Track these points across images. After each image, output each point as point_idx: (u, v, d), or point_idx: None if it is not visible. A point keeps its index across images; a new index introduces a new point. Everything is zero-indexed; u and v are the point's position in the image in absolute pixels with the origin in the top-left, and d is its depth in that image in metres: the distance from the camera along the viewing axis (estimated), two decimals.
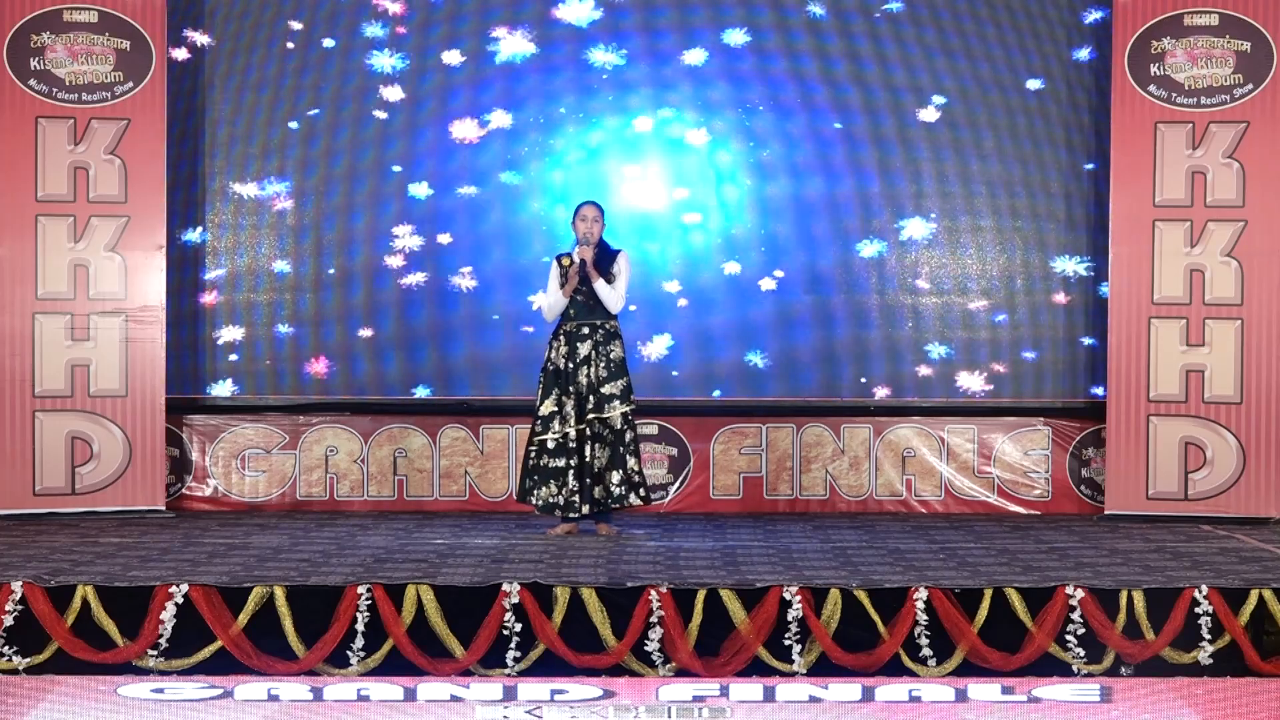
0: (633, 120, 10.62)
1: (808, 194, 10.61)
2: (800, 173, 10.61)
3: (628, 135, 10.63)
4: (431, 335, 10.60)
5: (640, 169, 10.63)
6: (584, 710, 7.17)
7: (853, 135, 10.60)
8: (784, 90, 10.60)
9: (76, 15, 10.02)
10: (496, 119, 10.58)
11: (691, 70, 10.61)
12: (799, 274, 10.60)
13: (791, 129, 10.60)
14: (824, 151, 10.60)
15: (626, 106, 10.62)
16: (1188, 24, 10.03)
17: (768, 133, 10.60)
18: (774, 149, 10.60)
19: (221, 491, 10.52)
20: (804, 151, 10.60)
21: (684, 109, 10.62)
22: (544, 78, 10.62)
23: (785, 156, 10.61)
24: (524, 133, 10.60)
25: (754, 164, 10.60)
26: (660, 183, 10.64)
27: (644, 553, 8.58)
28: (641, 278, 10.37)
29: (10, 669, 7.10)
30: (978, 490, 10.58)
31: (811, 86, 10.61)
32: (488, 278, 10.59)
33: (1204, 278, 9.98)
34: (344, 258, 10.60)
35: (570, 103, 10.62)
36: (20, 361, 9.94)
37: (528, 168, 10.61)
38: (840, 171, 10.60)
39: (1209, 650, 7.15)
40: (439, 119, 10.61)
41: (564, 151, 10.62)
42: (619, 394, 9.10)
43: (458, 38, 10.62)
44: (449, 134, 10.60)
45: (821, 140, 10.60)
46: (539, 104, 10.61)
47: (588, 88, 10.62)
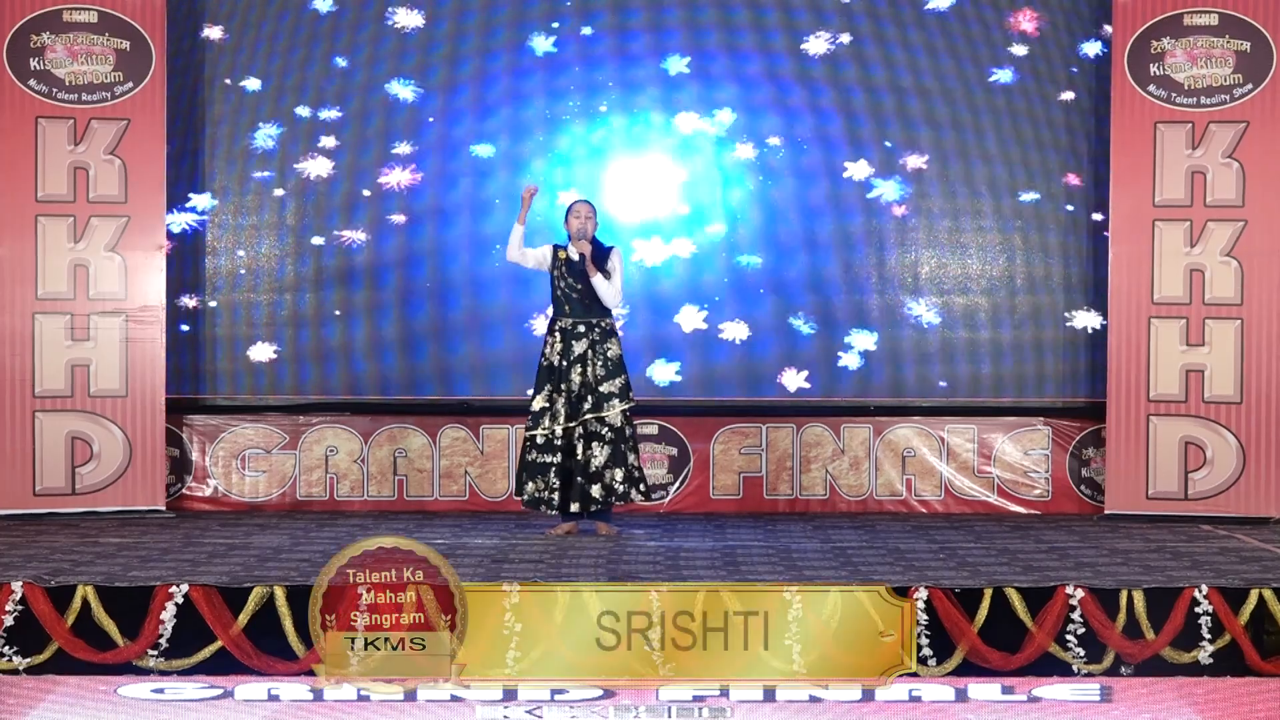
0: (632, 121, 10.62)
1: (807, 194, 10.60)
2: (800, 172, 10.61)
3: (633, 133, 10.63)
4: (431, 335, 10.59)
5: (648, 167, 10.62)
6: (584, 710, 7.17)
7: (854, 135, 10.60)
8: (790, 93, 10.61)
9: (76, 15, 10.01)
10: (500, 121, 10.63)
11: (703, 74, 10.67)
12: (799, 274, 10.60)
13: (790, 130, 10.60)
14: (826, 149, 10.60)
15: (632, 106, 10.64)
16: (1187, 24, 10.02)
17: (770, 131, 10.60)
18: (778, 148, 10.63)
19: (221, 491, 10.51)
20: (805, 151, 10.61)
21: (690, 108, 10.63)
22: (550, 76, 10.64)
23: (788, 156, 10.61)
24: (528, 133, 10.62)
25: (760, 165, 10.60)
26: (665, 183, 10.63)
27: (644, 553, 8.58)
28: (644, 279, 10.39)
29: (10, 669, 7.10)
30: (978, 490, 10.57)
31: (816, 88, 10.64)
32: (488, 277, 10.58)
33: (1204, 278, 9.98)
34: (344, 258, 10.59)
35: (575, 105, 10.66)
36: (20, 361, 9.93)
37: (528, 167, 10.62)
38: (840, 171, 10.59)
39: (1209, 650, 7.16)
40: (444, 117, 10.62)
41: (566, 151, 10.62)
42: (618, 392, 9.09)
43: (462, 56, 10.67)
44: (449, 134, 10.63)
45: (826, 140, 10.63)
46: (546, 102, 10.63)
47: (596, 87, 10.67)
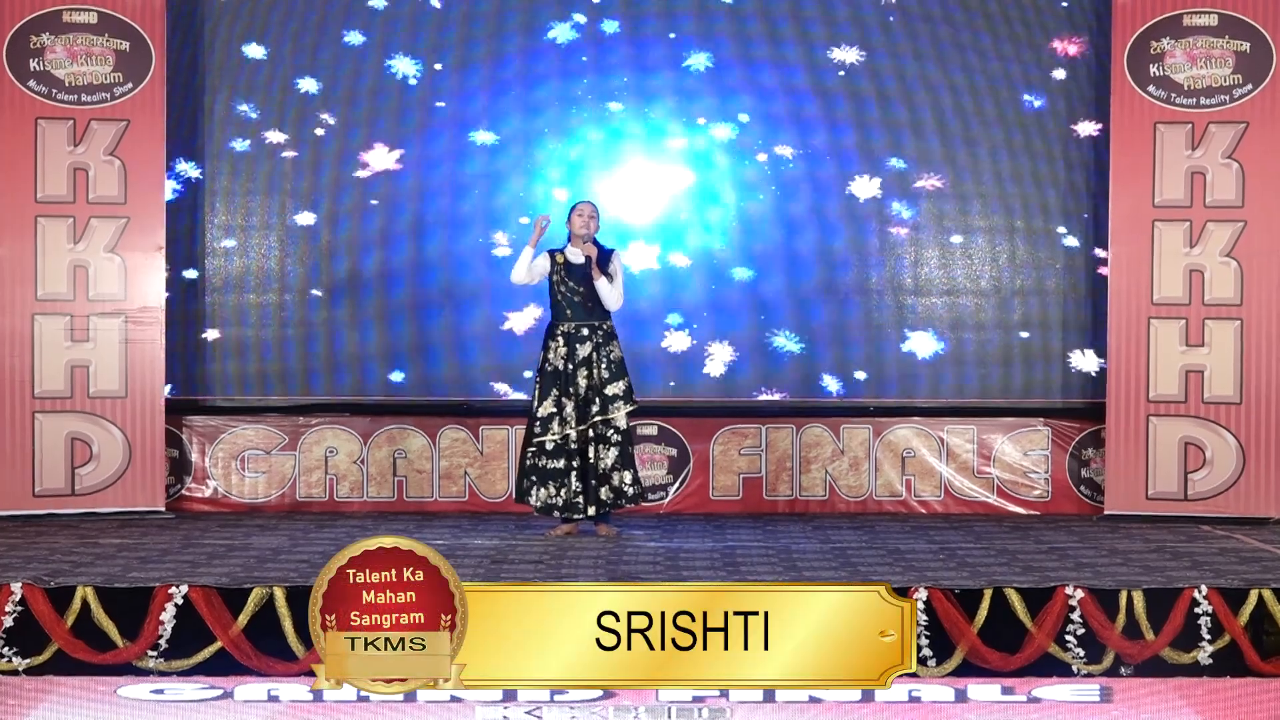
0: (631, 121, 10.63)
1: (808, 193, 10.61)
2: (802, 170, 10.62)
3: (634, 135, 10.64)
4: (432, 335, 10.58)
5: (645, 170, 10.63)
6: (584, 710, 7.16)
7: (857, 135, 10.61)
8: (792, 97, 10.63)
9: (76, 16, 10.02)
10: (503, 123, 10.64)
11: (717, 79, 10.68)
12: (800, 274, 10.60)
13: (792, 127, 10.61)
14: (827, 147, 10.61)
15: (644, 112, 10.66)
16: (1187, 24, 10.02)
17: (773, 136, 10.62)
18: (776, 150, 10.64)
19: (221, 492, 10.51)
20: (805, 150, 10.61)
21: (699, 114, 10.64)
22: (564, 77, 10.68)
23: (789, 156, 10.62)
24: (534, 136, 10.63)
25: (761, 170, 10.61)
26: (666, 185, 10.65)
27: (644, 553, 8.58)
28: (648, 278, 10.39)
29: (10, 670, 7.10)
30: (977, 490, 10.57)
31: (815, 88, 10.65)
32: (489, 276, 10.58)
33: (1203, 278, 9.98)
34: (345, 257, 10.59)
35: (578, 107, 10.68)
36: (20, 362, 9.93)
37: (531, 165, 10.63)
38: (843, 171, 10.60)
39: (1209, 650, 7.15)
40: (447, 118, 10.64)
41: (568, 154, 10.63)
42: (622, 394, 9.10)
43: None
44: (448, 134, 10.64)
45: (829, 144, 10.64)
46: (558, 109, 10.66)
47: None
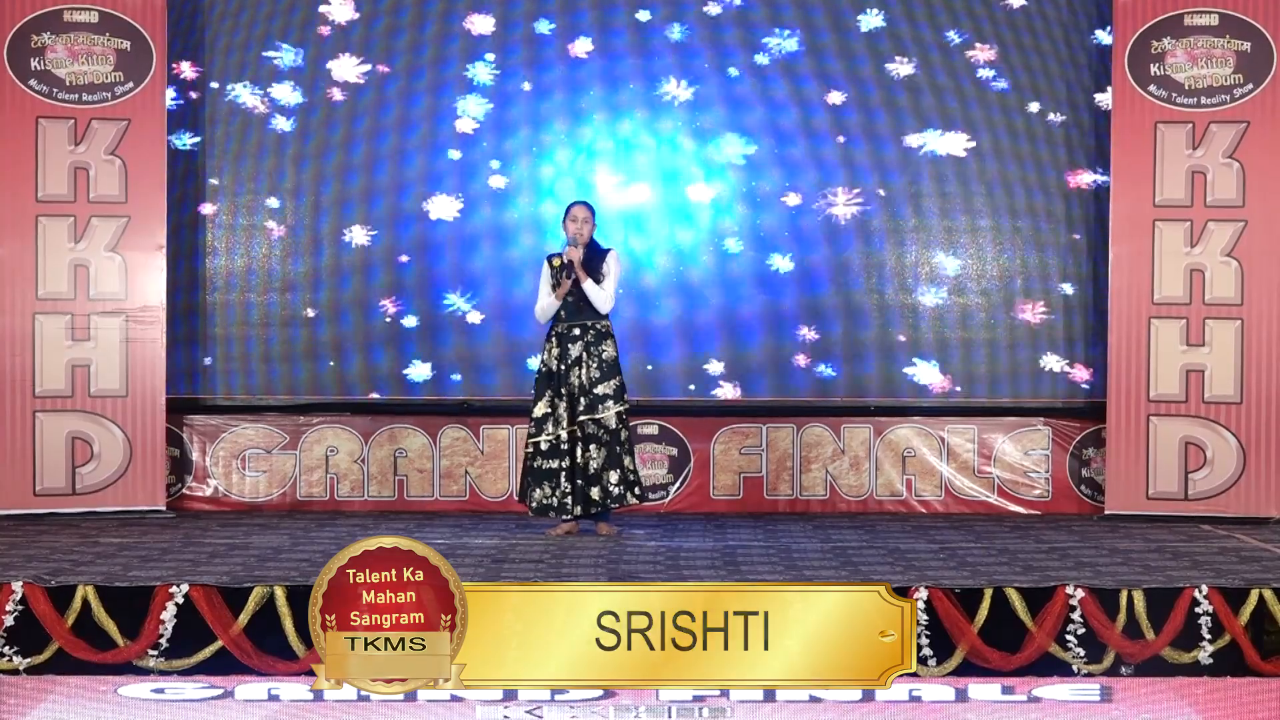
0: (625, 119, 10.63)
1: (807, 193, 10.61)
2: (802, 171, 10.61)
3: (621, 133, 10.65)
4: (432, 335, 10.59)
5: (637, 167, 10.64)
6: (584, 710, 7.17)
7: (853, 142, 10.61)
8: (786, 94, 10.62)
9: (77, 15, 10.01)
10: (491, 120, 10.64)
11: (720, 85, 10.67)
12: (799, 273, 10.59)
13: (791, 129, 10.61)
14: (827, 149, 10.61)
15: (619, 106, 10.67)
16: (1188, 24, 10.02)
17: (766, 130, 10.61)
18: (773, 148, 10.63)
19: (222, 491, 10.51)
20: (803, 152, 10.61)
21: (684, 109, 10.66)
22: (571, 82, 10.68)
23: (784, 156, 10.62)
24: (535, 133, 10.64)
25: (755, 166, 10.60)
26: (659, 182, 10.65)
27: (644, 553, 8.58)
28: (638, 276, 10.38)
29: (10, 669, 7.10)
30: (978, 490, 10.57)
31: (822, 89, 10.67)
32: (489, 277, 10.58)
33: (1204, 278, 9.97)
34: (344, 257, 10.59)
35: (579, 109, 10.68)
36: (20, 361, 9.93)
37: (528, 165, 10.63)
38: (841, 171, 10.60)
39: (1209, 650, 7.15)
40: (446, 117, 10.64)
41: (564, 151, 10.63)
42: (612, 394, 9.08)
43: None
44: (447, 134, 10.64)
45: (826, 144, 10.65)
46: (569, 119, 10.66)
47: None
